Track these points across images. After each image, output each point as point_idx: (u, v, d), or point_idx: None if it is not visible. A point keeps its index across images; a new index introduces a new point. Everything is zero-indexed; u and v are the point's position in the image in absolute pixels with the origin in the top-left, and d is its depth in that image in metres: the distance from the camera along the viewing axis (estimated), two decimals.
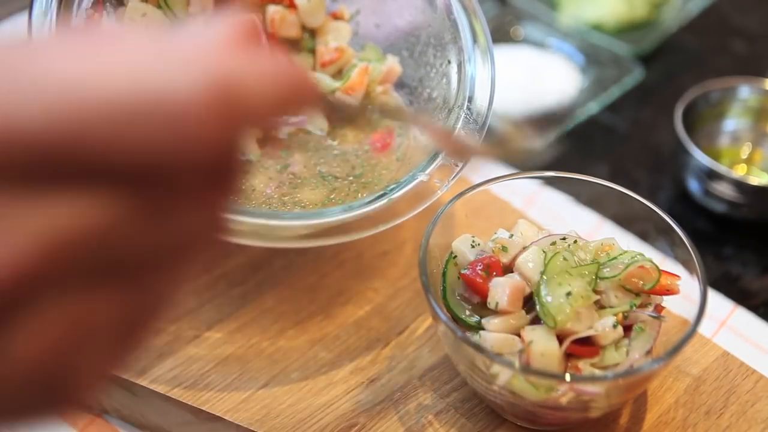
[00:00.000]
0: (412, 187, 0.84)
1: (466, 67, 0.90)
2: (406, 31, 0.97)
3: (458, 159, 0.80)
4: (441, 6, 0.93)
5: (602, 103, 1.34)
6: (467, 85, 0.90)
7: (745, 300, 1.05)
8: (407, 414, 0.85)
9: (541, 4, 1.50)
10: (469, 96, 0.89)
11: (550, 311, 0.75)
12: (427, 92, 0.96)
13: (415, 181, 0.85)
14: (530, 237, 0.84)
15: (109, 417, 0.93)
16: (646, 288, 0.80)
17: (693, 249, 0.82)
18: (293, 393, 0.86)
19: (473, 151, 0.72)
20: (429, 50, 0.97)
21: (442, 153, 0.84)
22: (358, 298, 0.95)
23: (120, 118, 0.38)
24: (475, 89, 0.89)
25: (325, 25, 0.93)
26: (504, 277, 0.80)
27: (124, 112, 0.38)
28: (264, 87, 0.44)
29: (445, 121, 0.88)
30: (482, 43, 0.91)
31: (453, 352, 0.80)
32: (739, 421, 0.84)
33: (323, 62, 0.92)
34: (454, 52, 0.92)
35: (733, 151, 1.22)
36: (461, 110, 0.88)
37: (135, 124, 0.39)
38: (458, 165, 0.84)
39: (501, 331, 0.77)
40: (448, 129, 0.83)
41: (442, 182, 0.84)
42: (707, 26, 1.51)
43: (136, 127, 0.39)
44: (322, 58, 0.91)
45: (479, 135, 0.86)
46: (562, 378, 0.74)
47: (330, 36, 0.93)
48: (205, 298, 0.95)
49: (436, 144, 0.83)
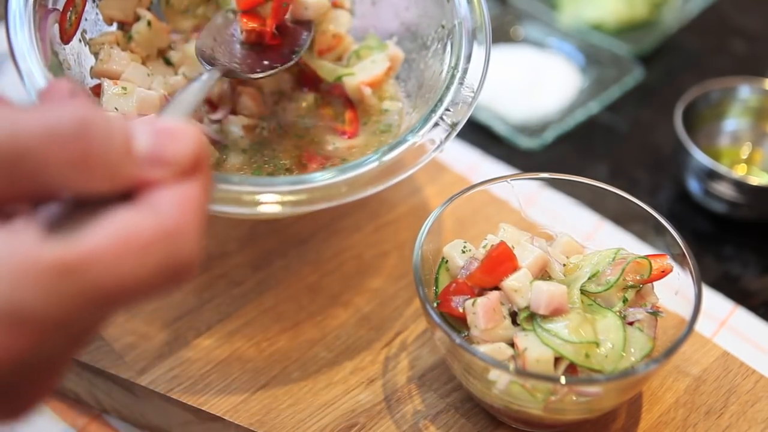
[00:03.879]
0: (404, 149, 0.78)
1: (461, 39, 0.88)
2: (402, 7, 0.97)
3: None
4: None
5: (602, 103, 1.34)
6: (462, 54, 0.88)
7: (745, 300, 1.05)
8: (407, 414, 0.85)
9: (541, 4, 1.50)
10: (464, 67, 0.87)
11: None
12: (423, 63, 0.95)
13: (407, 143, 0.79)
14: (514, 241, 0.84)
15: (109, 417, 0.93)
16: (645, 278, 0.81)
17: (687, 249, 0.82)
18: (293, 393, 0.87)
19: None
20: (424, 23, 0.96)
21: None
22: (358, 298, 0.96)
23: None
24: (470, 62, 0.87)
25: (325, 12, 0.93)
26: (478, 299, 0.79)
27: None
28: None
29: (439, 91, 0.86)
30: (478, 16, 0.90)
31: (449, 357, 0.80)
32: (739, 421, 0.84)
33: (321, 49, 0.93)
34: (448, 22, 0.91)
35: (733, 151, 1.22)
36: (454, 79, 0.85)
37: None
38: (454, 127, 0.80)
39: (492, 345, 0.78)
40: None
41: (434, 144, 0.79)
42: (707, 26, 1.51)
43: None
44: (321, 45, 0.92)
45: (470, 106, 0.83)
46: (558, 380, 0.74)
47: (330, 24, 0.93)
48: (205, 298, 0.95)
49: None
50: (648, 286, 0.83)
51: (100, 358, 0.88)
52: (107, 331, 0.91)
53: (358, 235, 1.02)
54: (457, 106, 0.82)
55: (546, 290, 0.76)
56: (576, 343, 0.75)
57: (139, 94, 0.83)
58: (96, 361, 0.88)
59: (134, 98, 0.83)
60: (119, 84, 0.84)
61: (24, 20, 0.78)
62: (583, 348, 0.76)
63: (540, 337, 0.76)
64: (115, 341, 0.90)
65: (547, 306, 0.76)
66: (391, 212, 1.05)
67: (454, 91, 0.83)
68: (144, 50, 0.92)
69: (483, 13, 0.89)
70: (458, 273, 0.83)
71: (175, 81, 0.90)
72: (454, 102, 0.82)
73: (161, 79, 0.89)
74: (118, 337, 0.91)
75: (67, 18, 0.85)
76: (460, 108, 0.82)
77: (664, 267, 0.82)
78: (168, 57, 0.94)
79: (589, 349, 0.76)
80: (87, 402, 0.92)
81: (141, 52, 0.91)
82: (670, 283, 0.83)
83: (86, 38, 0.90)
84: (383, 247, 1.01)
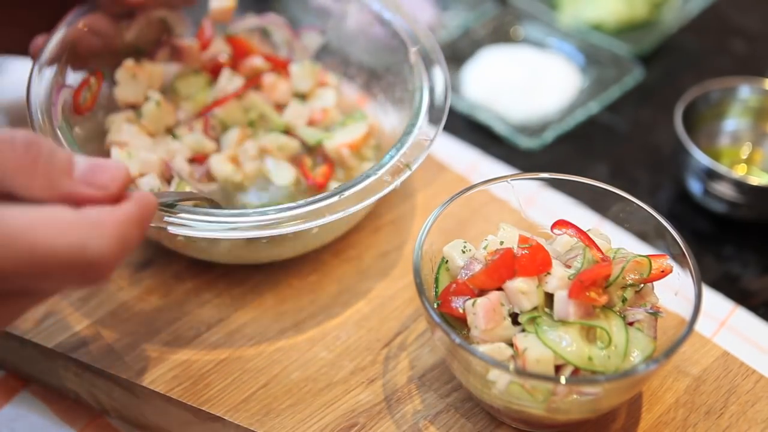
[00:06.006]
0: (363, 185, 0.87)
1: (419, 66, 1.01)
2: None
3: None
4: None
5: (602, 103, 1.34)
6: (423, 77, 0.99)
7: (745, 300, 1.05)
8: (407, 414, 0.85)
9: (541, 4, 1.50)
10: (430, 86, 0.98)
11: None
12: (386, 78, 1.08)
13: (367, 180, 0.88)
14: (513, 241, 0.84)
15: (109, 417, 0.93)
16: (645, 277, 0.81)
17: (687, 249, 0.82)
18: (293, 393, 0.87)
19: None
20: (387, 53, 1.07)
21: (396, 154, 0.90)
22: (358, 298, 0.96)
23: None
24: (434, 80, 0.98)
25: (313, 90, 1.08)
26: (478, 299, 0.79)
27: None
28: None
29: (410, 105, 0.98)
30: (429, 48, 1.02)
31: (449, 357, 0.80)
32: (739, 421, 0.84)
33: (311, 120, 1.05)
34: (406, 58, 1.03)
35: (733, 151, 1.22)
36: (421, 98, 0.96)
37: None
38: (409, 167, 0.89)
39: (491, 345, 0.78)
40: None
41: (392, 180, 0.88)
42: (707, 26, 1.51)
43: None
44: (311, 116, 1.05)
45: (440, 123, 0.94)
46: (558, 380, 0.74)
47: (317, 100, 1.07)
48: (205, 298, 0.95)
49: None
50: (648, 286, 0.83)
51: (100, 358, 0.88)
52: (107, 331, 0.91)
53: (358, 235, 1.02)
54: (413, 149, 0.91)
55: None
56: (581, 345, 0.76)
57: (141, 156, 0.94)
58: (96, 361, 0.88)
59: (137, 160, 0.94)
60: (125, 149, 0.95)
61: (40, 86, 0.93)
62: (586, 351, 0.76)
63: (543, 339, 0.76)
64: (115, 341, 0.90)
65: (574, 315, 0.77)
66: (391, 212, 1.05)
67: (412, 138, 0.92)
68: (153, 126, 1.01)
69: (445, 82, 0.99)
70: (458, 273, 0.83)
71: (175, 147, 0.99)
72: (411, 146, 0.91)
73: (164, 147, 0.99)
74: (118, 337, 0.91)
75: (81, 95, 0.97)
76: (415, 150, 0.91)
77: (664, 267, 0.82)
78: (175, 133, 1.03)
79: (591, 351, 0.76)
80: (87, 402, 0.92)
81: (150, 127, 1.01)
82: (670, 283, 0.83)
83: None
84: (383, 247, 1.01)
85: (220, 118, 1.03)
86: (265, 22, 1.11)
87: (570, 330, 0.76)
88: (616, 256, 0.83)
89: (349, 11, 1.11)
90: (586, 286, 0.77)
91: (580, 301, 0.77)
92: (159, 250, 0.99)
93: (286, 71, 1.08)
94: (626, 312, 0.81)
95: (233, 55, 1.08)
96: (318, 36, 1.12)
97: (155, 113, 1.00)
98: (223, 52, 1.08)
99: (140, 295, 0.95)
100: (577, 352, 0.75)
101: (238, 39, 1.08)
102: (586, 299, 0.77)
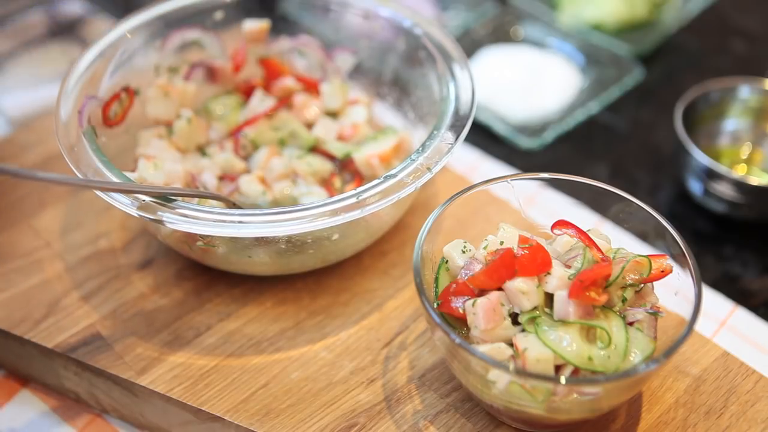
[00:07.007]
0: (383, 187, 0.86)
1: (447, 77, 1.01)
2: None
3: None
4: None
5: (602, 103, 1.34)
6: (450, 86, 0.98)
7: (745, 300, 1.05)
8: (407, 414, 0.85)
9: (541, 4, 1.50)
10: (455, 95, 0.97)
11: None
12: (416, 93, 1.08)
13: (388, 181, 0.87)
14: (513, 241, 0.84)
15: (109, 417, 0.93)
16: (645, 277, 0.81)
17: (687, 249, 0.82)
18: (293, 393, 0.87)
19: None
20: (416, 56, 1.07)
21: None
22: (358, 298, 0.96)
23: None
24: (459, 90, 0.98)
25: (343, 108, 1.09)
26: (478, 299, 0.79)
27: None
28: None
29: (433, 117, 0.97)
30: (457, 56, 1.02)
31: (449, 357, 0.80)
32: (739, 421, 0.84)
33: (341, 136, 1.06)
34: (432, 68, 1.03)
35: (733, 151, 1.22)
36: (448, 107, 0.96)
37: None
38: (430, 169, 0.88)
39: (491, 345, 0.78)
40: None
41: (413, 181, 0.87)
42: (707, 26, 1.51)
43: None
44: (341, 132, 1.06)
45: (463, 130, 0.93)
46: (558, 380, 0.74)
47: (347, 117, 1.08)
48: (205, 298, 0.95)
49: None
50: (648, 286, 0.83)
51: (100, 358, 0.89)
52: (107, 331, 0.91)
53: None
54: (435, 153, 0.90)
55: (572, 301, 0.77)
56: (581, 345, 0.76)
57: (167, 167, 0.96)
58: (96, 361, 0.88)
59: (162, 171, 0.95)
60: (151, 161, 0.96)
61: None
62: (586, 350, 0.76)
63: (543, 339, 0.76)
64: (115, 341, 0.90)
65: (574, 315, 0.77)
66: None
67: (435, 142, 0.91)
68: (183, 143, 1.03)
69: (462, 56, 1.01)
70: (458, 273, 0.83)
71: (204, 164, 1.01)
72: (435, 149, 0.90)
73: (193, 162, 1.01)
74: (118, 337, 0.91)
75: (112, 109, 0.99)
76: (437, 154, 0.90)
77: (663, 267, 0.82)
78: (206, 151, 1.04)
79: (591, 351, 0.76)
80: (87, 402, 0.92)
81: (180, 144, 1.02)
82: (670, 283, 0.83)
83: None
84: (383, 247, 1.01)
85: (251, 137, 1.03)
86: (298, 44, 1.13)
87: (570, 330, 0.76)
88: (616, 256, 0.83)
89: (375, 28, 1.12)
90: (586, 286, 0.77)
91: (580, 301, 0.77)
92: (159, 250, 0.99)
93: (317, 91, 1.09)
94: (626, 312, 0.81)
95: (265, 76, 1.10)
96: (350, 56, 1.14)
97: (186, 130, 1.02)
98: (256, 75, 1.09)
99: (140, 295, 0.95)
100: (577, 352, 0.75)
101: (271, 60, 1.10)
102: (586, 299, 0.77)
